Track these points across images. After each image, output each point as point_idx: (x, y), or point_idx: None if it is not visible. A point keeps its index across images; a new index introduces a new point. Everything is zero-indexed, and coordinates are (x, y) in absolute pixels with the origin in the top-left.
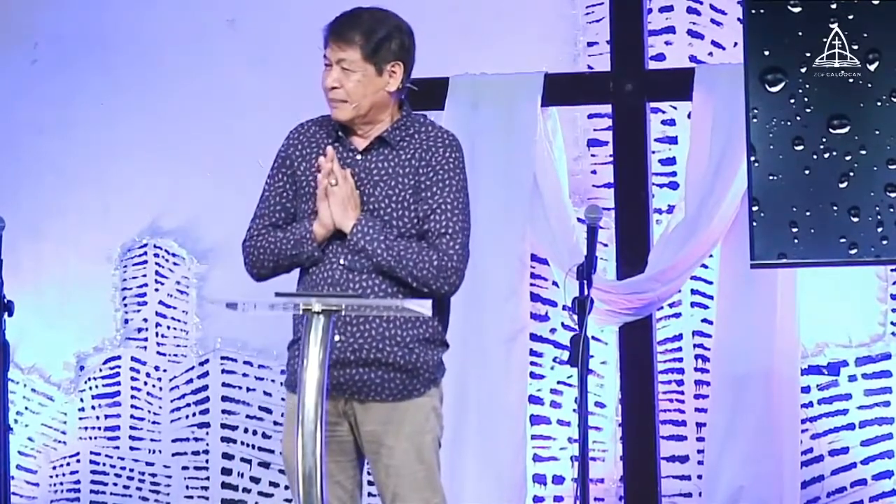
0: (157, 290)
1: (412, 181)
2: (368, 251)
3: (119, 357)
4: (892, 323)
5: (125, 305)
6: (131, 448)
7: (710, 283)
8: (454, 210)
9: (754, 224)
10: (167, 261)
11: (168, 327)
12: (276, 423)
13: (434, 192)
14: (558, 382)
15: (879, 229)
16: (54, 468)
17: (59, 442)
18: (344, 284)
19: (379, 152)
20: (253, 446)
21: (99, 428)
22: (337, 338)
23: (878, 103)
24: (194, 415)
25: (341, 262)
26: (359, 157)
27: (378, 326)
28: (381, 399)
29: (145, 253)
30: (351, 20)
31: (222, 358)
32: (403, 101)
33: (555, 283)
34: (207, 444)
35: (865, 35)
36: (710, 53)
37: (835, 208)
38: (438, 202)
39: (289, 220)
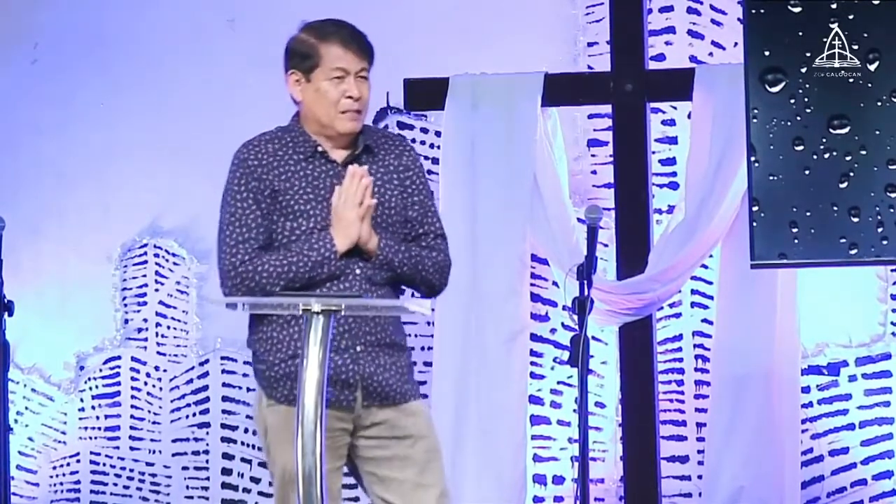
0: (157, 290)
1: (398, 186)
2: (395, 263)
3: (119, 357)
4: (892, 323)
5: (125, 305)
6: (131, 448)
7: (710, 283)
8: (437, 212)
9: (754, 224)
10: (167, 261)
11: (168, 327)
12: None
13: (423, 195)
14: (558, 382)
15: (879, 229)
16: (54, 468)
17: (59, 442)
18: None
19: (362, 161)
20: (253, 446)
21: (99, 428)
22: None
23: (878, 103)
24: (194, 415)
25: (357, 272)
26: (339, 168)
27: (384, 319)
28: (399, 402)
29: (145, 253)
30: (357, 30)
31: (222, 358)
32: None
33: (555, 283)
34: (207, 444)
35: (865, 35)
36: (711, 53)
37: (835, 208)
38: (427, 205)
39: (270, 241)
